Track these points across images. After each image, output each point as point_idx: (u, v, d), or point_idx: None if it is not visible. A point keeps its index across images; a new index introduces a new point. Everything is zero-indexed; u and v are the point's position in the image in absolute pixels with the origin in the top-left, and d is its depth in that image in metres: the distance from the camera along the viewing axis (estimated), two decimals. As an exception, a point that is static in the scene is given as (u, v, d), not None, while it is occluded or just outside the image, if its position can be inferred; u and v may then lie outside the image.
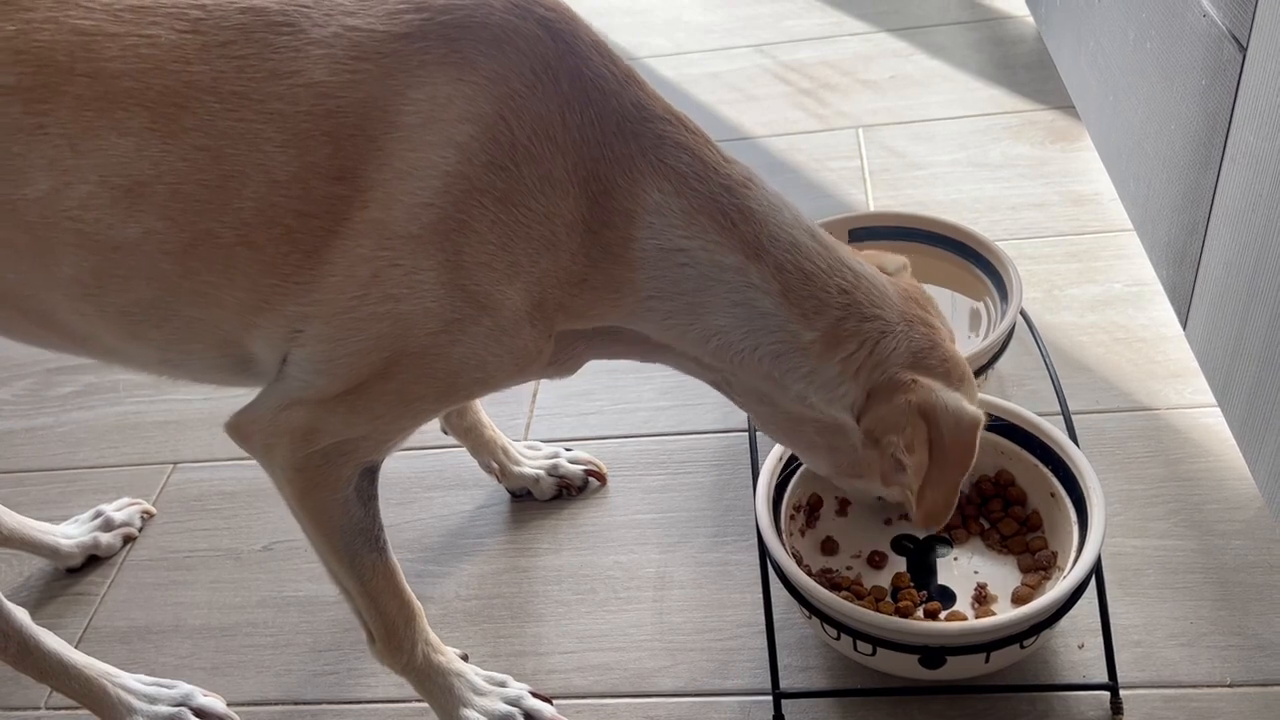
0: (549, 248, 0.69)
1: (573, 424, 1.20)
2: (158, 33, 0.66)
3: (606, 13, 2.04)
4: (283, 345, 0.71)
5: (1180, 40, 0.94)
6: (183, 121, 0.65)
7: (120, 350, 0.75)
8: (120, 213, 0.66)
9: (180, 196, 0.66)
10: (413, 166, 0.65)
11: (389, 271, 0.66)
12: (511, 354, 0.71)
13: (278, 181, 0.66)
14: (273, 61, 0.66)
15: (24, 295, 0.71)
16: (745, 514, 1.05)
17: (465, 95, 0.65)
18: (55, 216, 0.66)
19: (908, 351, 0.74)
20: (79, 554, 1.12)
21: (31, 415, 1.34)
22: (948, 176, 1.47)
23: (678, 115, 0.72)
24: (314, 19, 0.67)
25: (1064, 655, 0.88)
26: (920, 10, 1.87)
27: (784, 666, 0.90)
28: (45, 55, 0.65)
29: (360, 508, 0.78)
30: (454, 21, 0.66)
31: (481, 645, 0.98)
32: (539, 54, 0.67)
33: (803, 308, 0.72)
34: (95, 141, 0.65)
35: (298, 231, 0.66)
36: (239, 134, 0.65)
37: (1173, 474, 1.01)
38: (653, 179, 0.70)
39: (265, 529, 1.13)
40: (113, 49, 0.66)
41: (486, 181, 0.66)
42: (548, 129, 0.67)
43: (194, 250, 0.67)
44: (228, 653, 1.02)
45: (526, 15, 0.68)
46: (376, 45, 0.66)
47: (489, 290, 0.68)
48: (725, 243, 0.71)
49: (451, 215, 0.66)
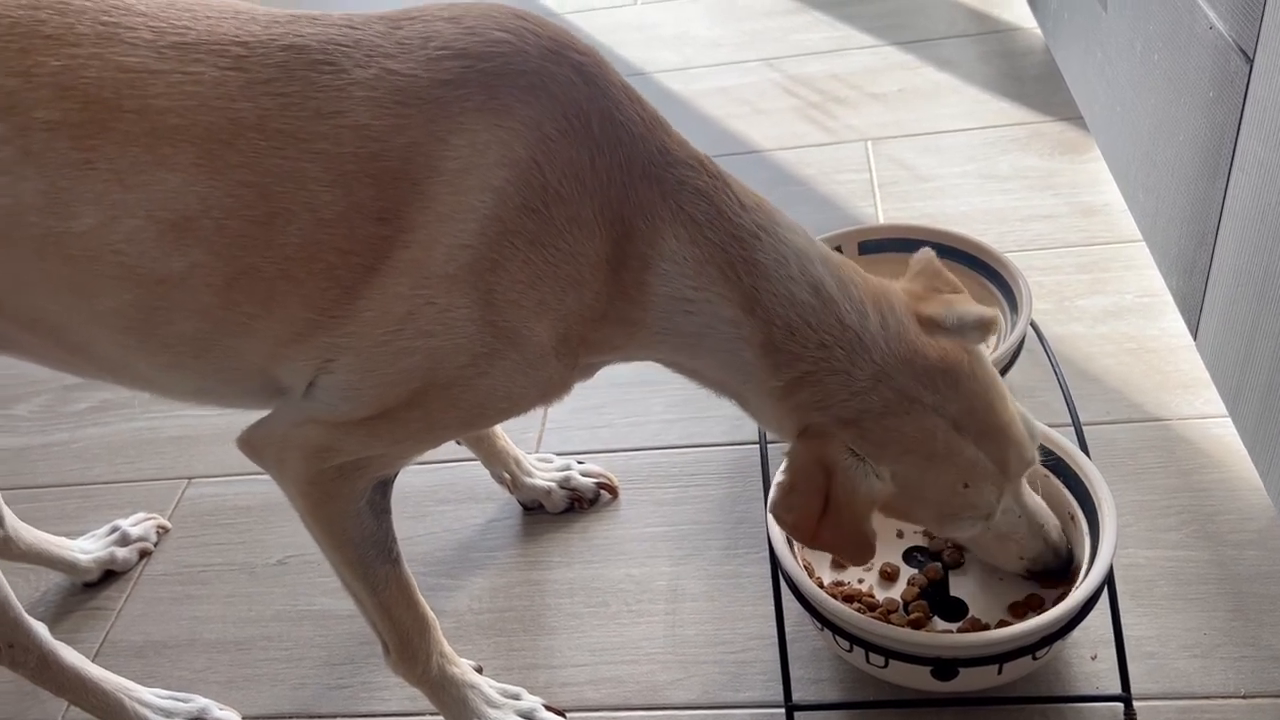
0: (574, 286, 0.70)
1: (585, 437, 1.20)
2: (201, 70, 0.68)
3: (615, 29, 2.06)
4: (312, 373, 0.72)
5: (1187, 52, 0.94)
6: (229, 158, 0.67)
7: (155, 379, 0.76)
8: (166, 247, 0.67)
9: (226, 231, 0.67)
10: (453, 210, 0.67)
11: (425, 309, 0.68)
12: (537, 385, 0.73)
13: (323, 220, 0.67)
14: (317, 100, 0.67)
15: (63, 326, 0.73)
16: (756, 526, 1.06)
17: (502, 141, 0.67)
18: (100, 250, 0.68)
19: (855, 410, 0.73)
20: (96, 569, 1.13)
21: (48, 431, 1.36)
22: (957, 188, 1.47)
23: (700, 159, 0.73)
24: (355, 59, 0.69)
25: (1077, 666, 0.88)
26: (928, 23, 1.88)
27: (796, 679, 0.90)
28: (92, 91, 0.66)
29: (373, 520, 0.79)
30: (492, 69, 0.68)
31: (495, 658, 0.98)
32: (572, 98, 0.69)
33: (776, 360, 0.73)
34: (142, 177, 0.66)
35: (338, 268, 0.68)
36: (285, 172, 0.67)
37: (1185, 485, 1.01)
38: (670, 225, 0.71)
39: (279, 543, 1.14)
40: (158, 85, 0.67)
41: (519, 223, 0.68)
42: (578, 172, 0.69)
43: (236, 284, 0.68)
44: (243, 667, 1.02)
45: (561, 61, 0.70)
46: (419, 91, 0.68)
47: (517, 326, 0.69)
48: (727, 296, 0.72)
49: (486, 255, 0.68)
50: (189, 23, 0.70)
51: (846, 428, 0.73)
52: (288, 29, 0.71)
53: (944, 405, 0.74)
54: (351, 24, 0.72)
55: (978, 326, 0.77)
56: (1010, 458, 0.77)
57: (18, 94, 0.66)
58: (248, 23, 0.71)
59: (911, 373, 0.73)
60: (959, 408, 0.74)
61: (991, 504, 0.78)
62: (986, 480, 0.76)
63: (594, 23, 2.09)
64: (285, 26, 0.71)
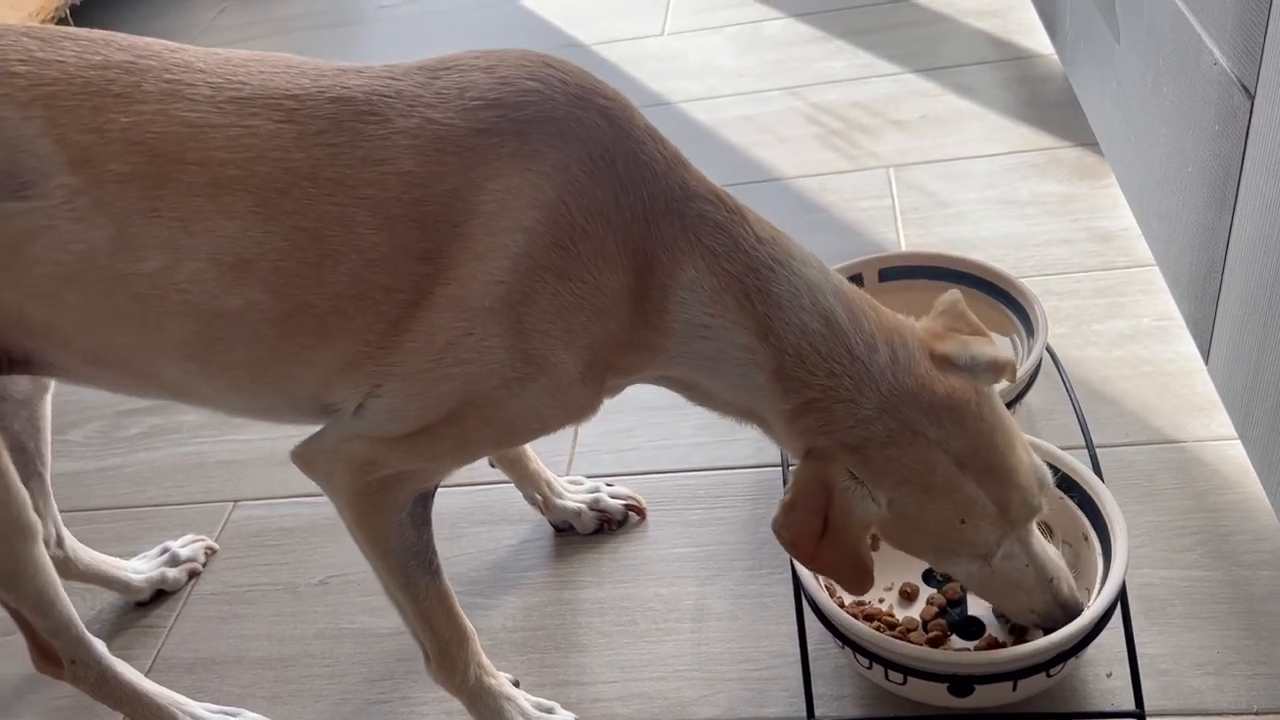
0: (600, 315, 0.75)
1: (613, 460, 1.24)
2: (257, 123, 0.73)
3: (639, 59, 2.11)
4: (361, 397, 0.78)
5: (1194, 86, 0.97)
6: (283, 205, 0.72)
7: (216, 400, 0.82)
8: (226, 286, 0.73)
9: (281, 272, 0.73)
10: (489, 249, 0.72)
11: (463, 339, 0.73)
12: (565, 407, 0.78)
13: (370, 260, 0.73)
14: (363, 149, 0.73)
15: (130, 357, 0.79)
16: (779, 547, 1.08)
17: (533, 184, 0.72)
18: (166, 289, 0.73)
19: (859, 437, 0.76)
20: (147, 588, 1.18)
21: (101, 456, 1.42)
22: (977, 214, 1.50)
23: (719, 194, 0.78)
24: (398, 109, 0.74)
25: (1092, 684, 0.91)
26: (949, 51, 1.92)
27: (819, 695, 0.93)
28: (158, 145, 0.72)
29: (414, 531, 0.84)
30: (524, 117, 0.73)
31: (528, 674, 1.02)
32: (598, 141, 0.74)
33: (786, 385, 0.77)
34: (205, 224, 0.72)
35: (384, 304, 0.73)
36: (335, 217, 0.72)
37: (1199, 506, 1.03)
38: (689, 257, 0.76)
39: (322, 564, 1.19)
40: (218, 139, 0.73)
41: (548, 259, 0.73)
42: (603, 210, 0.73)
43: (291, 318, 0.74)
44: (287, 682, 1.07)
45: (587, 106, 0.75)
46: (458, 140, 0.73)
47: (546, 354, 0.74)
48: (742, 323, 0.76)
49: (518, 289, 0.73)
50: (244, 78, 0.76)
51: (850, 453, 0.76)
52: (335, 81, 0.76)
53: (947, 441, 0.76)
54: (393, 75, 0.77)
55: (990, 368, 0.79)
56: (1013, 500, 0.78)
57: (91, 149, 0.72)
58: (297, 76, 0.76)
59: (917, 406, 0.76)
60: (962, 445, 0.77)
61: (989, 545, 0.79)
62: (984, 520, 0.78)
63: (619, 53, 2.15)
64: (333, 79, 0.76)
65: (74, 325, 0.77)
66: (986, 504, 0.78)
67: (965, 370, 0.78)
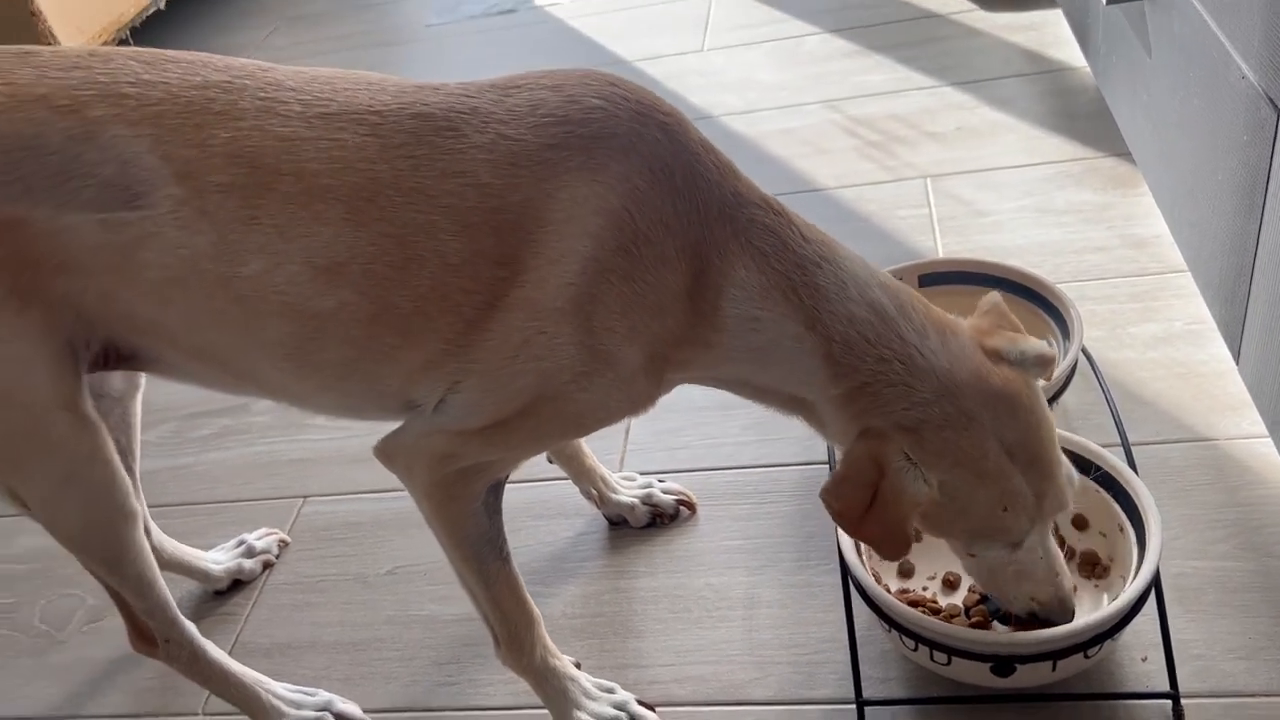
0: (659, 314, 0.81)
1: (663, 458, 1.30)
2: (344, 136, 0.80)
3: (680, 75, 2.17)
4: (442, 392, 0.84)
5: (1222, 99, 1.02)
6: (371, 212, 0.79)
7: (307, 398, 0.89)
8: (319, 287, 0.80)
9: (370, 275, 0.79)
10: (560, 254, 0.78)
11: (536, 338, 0.79)
12: (629, 399, 0.84)
13: (451, 265, 0.79)
14: (443, 162, 0.79)
15: (230, 355, 0.86)
16: (826, 540, 1.14)
17: (598, 194, 0.78)
18: (265, 291, 0.80)
19: (915, 419, 0.80)
20: (226, 578, 1.25)
21: (175, 455, 1.49)
22: (1014, 223, 1.55)
23: (767, 200, 0.84)
24: (474, 125, 0.81)
25: (1128, 667, 0.95)
26: (983, 64, 1.97)
27: (865, 677, 0.98)
28: (255, 158, 0.79)
29: (487, 520, 0.90)
30: (589, 133, 0.80)
31: (588, 658, 1.08)
32: (657, 154, 0.80)
33: (835, 370, 0.82)
34: (300, 229, 0.79)
35: (464, 305, 0.80)
36: (418, 224, 0.79)
37: (1231, 500, 1.07)
38: (740, 258, 0.81)
39: (389, 555, 1.25)
40: (310, 151, 0.79)
41: (613, 262, 0.79)
42: (663, 217, 0.79)
43: (379, 318, 0.80)
44: (360, 665, 1.13)
45: (647, 122, 0.81)
46: (529, 154, 0.79)
47: (612, 350, 0.80)
48: (790, 315, 0.82)
49: (586, 291, 0.79)
50: (330, 95, 0.82)
51: (905, 434, 0.81)
52: (414, 98, 0.83)
53: (1001, 430, 0.81)
54: (467, 93, 0.83)
55: (1038, 362, 0.85)
56: (1049, 494, 0.83)
57: (194, 162, 0.79)
58: (379, 93, 0.83)
59: (974, 393, 0.81)
60: (1014, 435, 0.81)
61: (1023, 533, 0.84)
62: (1024, 510, 0.83)
63: (661, 69, 2.21)
64: (412, 96, 0.83)
65: (179, 324, 0.84)
66: (1028, 494, 0.83)
67: (1014, 364, 0.83)
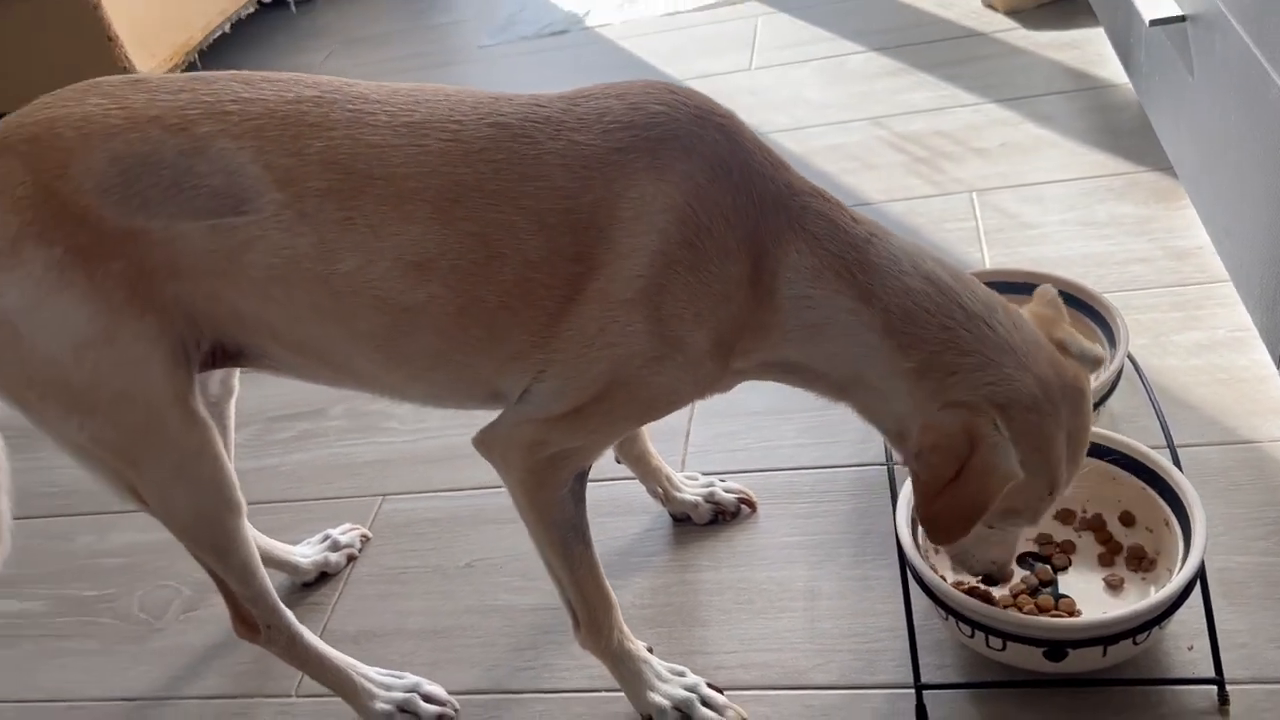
0: (723, 300, 0.87)
1: (723, 459, 1.37)
2: (429, 143, 0.88)
3: (731, 94, 2.24)
4: (526, 382, 0.91)
5: (1262, 116, 1.07)
6: (456, 212, 0.86)
7: (399, 388, 0.96)
8: (410, 282, 0.87)
9: (457, 270, 0.87)
10: (630, 249, 0.85)
11: (610, 327, 0.86)
12: (696, 381, 0.90)
13: (530, 261, 0.86)
14: (521, 167, 0.87)
15: (327, 347, 0.93)
16: (882, 537, 1.20)
17: (664, 192, 0.85)
18: (359, 287, 0.88)
19: (1006, 396, 0.82)
20: (313, 570, 1.33)
21: (260, 457, 1.58)
22: (1058, 235, 1.60)
23: (817, 189, 0.90)
24: (547, 132, 0.88)
25: (1174, 655, 1.00)
26: (1027, 81, 2.02)
27: (923, 664, 1.04)
28: (349, 164, 0.87)
29: (573, 506, 0.97)
30: (654, 136, 0.87)
31: (658, 644, 1.14)
32: (716, 154, 0.87)
33: (899, 341, 0.86)
34: (391, 229, 0.86)
35: (545, 299, 0.87)
36: (500, 223, 0.86)
37: (1273, 499, 1.12)
38: (794, 242, 0.87)
39: (466, 549, 1.33)
40: (398, 157, 0.87)
41: (679, 255, 0.85)
42: (723, 211, 0.86)
43: (466, 311, 0.88)
44: (443, 651, 1.21)
45: (706, 124, 0.88)
46: (600, 157, 0.86)
47: (680, 335, 0.87)
48: (844, 290, 0.87)
49: (654, 282, 0.85)
50: (413, 106, 0.90)
51: (998, 410, 0.83)
52: (491, 109, 0.90)
53: (1070, 420, 0.86)
54: (538, 103, 0.91)
55: (1095, 362, 0.91)
56: (1060, 486, 0.89)
57: (293, 170, 0.87)
58: (457, 104, 0.90)
59: (1056, 381, 0.85)
60: (1074, 427, 0.87)
61: (1043, 516, 0.91)
62: (1056, 497, 0.89)
63: (710, 88, 2.27)
64: (489, 106, 0.90)
65: (281, 320, 0.92)
66: (1064, 484, 0.89)
67: (1076, 358, 0.89)
